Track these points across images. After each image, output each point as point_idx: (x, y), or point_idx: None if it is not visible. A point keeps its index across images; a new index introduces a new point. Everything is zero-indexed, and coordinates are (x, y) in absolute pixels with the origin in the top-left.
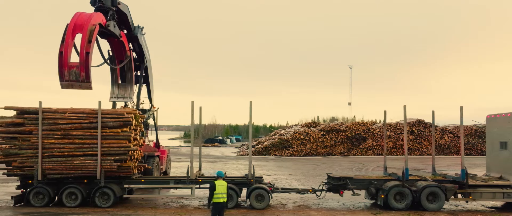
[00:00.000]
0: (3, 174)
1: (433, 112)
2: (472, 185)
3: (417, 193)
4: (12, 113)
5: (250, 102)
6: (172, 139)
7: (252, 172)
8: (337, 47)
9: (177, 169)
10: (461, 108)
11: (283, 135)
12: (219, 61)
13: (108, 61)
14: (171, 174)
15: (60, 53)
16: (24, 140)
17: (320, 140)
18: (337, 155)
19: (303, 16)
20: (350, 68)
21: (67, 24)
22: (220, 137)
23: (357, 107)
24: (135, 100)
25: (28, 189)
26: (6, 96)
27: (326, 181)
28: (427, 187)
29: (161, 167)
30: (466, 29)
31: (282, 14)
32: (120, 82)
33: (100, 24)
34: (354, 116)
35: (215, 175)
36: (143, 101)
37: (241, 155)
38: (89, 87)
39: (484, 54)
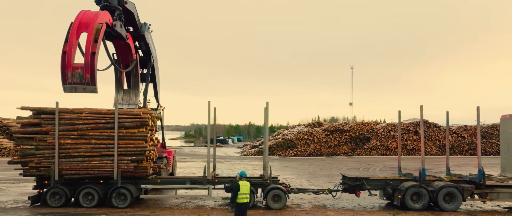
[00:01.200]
0: (20, 174)
1: (447, 113)
2: (489, 186)
3: (434, 193)
4: (28, 113)
5: (267, 103)
6: (173, 139)
7: (268, 172)
8: (337, 47)
9: (184, 169)
10: (478, 108)
11: (287, 135)
12: (219, 61)
13: (115, 64)
14: (177, 175)
15: (64, 53)
16: (41, 140)
17: (324, 140)
18: (341, 155)
19: (304, 16)
20: (351, 68)
21: (71, 22)
22: (221, 137)
23: (357, 107)
24: (141, 100)
25: (45, 190)
26: (6, 96)
27: (341, 181)
28: (444, 187)
29: (167, 168)
30: (467, 29)
31: (282, 14)
32: (125, 87)
33: (106, 24)
34: (355, 116)
35: (238, 175)
36: (149, 99)
37: (245, 155)
38: (94, 91)
39: (485, 54)
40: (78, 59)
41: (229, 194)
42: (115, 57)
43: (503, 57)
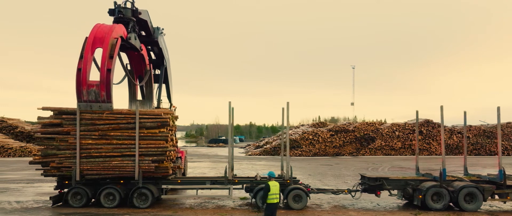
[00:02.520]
0: (41, 174)
1: (464, 113)
2: (510, 186)
3: (455, 193)
4: (49, 113)
5: (287, 103)
6: None
7: (289, 173)
8: (338, 48)
9: (194, 169)
10: (498, 108)
11: (292, 135)
12: (220, 61)
13: (130, 76)
14: (188, 175)
15: (78, 70)
16: (62, 140)
17: (328, 140)
18: (346, 155)
19: (304, 16)
20: (353, 68)
21: (86, 37)
22: (224, 137)
23: (358, 107)
24: (155, 101)
25: (67, 190)
26: (7, 96)
27: (360, 181)
28: (465, 187)
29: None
30: (467, 30)
31: (283, 14)
32: (139, 97)
33: (121, 37)
34: (355, 116)
35: (258, 175)
36: (161, 100)
37: (249, 155)
38: (110, 108)
39: (485, 55)
40: (93, 73)
41: (247, 194)
42: (129, 68)
43: (504, 57)
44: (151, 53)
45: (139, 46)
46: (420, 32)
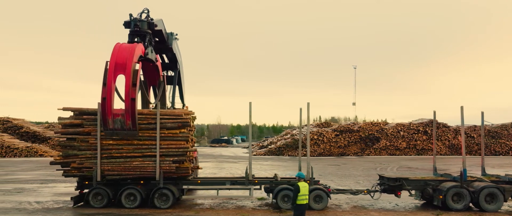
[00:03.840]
0: (62, 175)
1: (482, 113)
2: None
3: (475, 194)
4: (68, 113)
5: (308, 103)
6: None
7: (310, 173)
8: (338, 47)
9: (203, 169)
10: None
11: (296, 135)
12: (219, 61)
13: (145, 90)
14: (199, 176)
15: (103, 99)
16: (83, 141)
17: (333, 140)
18: (351, 156)
19: (305, 16)
20: (355, 68)
21: (107, 62)
22: (226, 137)
23: (358, 107)
24: (169, 103)
25: (88, 190)
26: (7, 96)
27: (379, 182)
28: (486, 188)
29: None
30: (467, 30)
31: (283, 14)
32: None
33: (140, 56)
34: (356, 116)
35: (296, 177)
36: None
37: (254, 155)
38: (135, 136)
39: (485, 55)
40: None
41: (264, 195)
42: (142, 78)
43: (504, 57)
44: (164, 56)
45: (154, 58)
46: (420, 32)
